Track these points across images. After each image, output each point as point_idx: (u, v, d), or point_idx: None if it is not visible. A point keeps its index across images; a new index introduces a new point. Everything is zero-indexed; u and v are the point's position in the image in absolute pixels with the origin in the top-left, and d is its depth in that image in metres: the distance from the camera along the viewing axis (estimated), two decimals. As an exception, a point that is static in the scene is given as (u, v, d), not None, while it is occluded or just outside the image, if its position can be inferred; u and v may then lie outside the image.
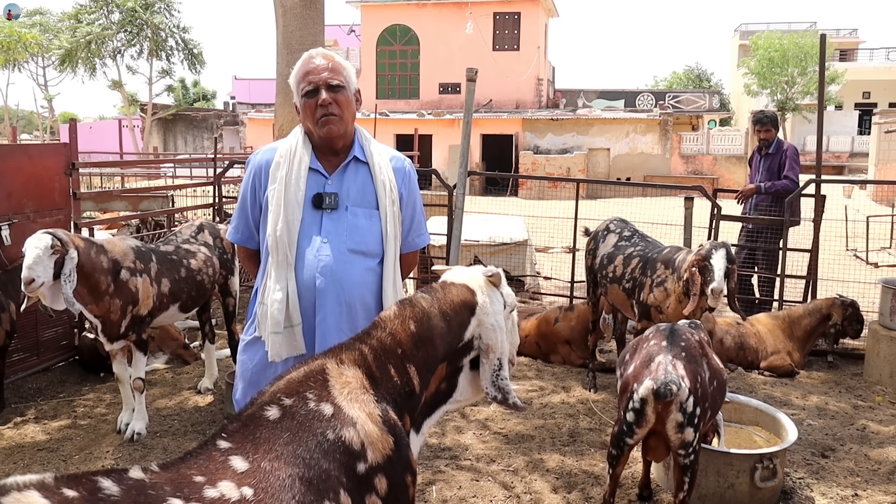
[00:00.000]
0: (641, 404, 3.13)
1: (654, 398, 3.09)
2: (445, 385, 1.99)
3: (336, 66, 2.49)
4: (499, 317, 2.01)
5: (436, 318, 1.93)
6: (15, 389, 5.30)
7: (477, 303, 2.00)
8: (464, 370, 2.01)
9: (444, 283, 2.05)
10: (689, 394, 3.10)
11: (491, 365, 1.97)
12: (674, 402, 3.07)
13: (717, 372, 3.45)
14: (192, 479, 1.38)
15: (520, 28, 31.37)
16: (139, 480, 1.33)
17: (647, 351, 3.38)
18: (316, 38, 6.74)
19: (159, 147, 34.44)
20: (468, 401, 2.09)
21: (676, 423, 3.11)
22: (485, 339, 1.98)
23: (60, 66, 35.62)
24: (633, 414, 3.16)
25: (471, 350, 1.98)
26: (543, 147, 28.90)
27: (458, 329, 1.96)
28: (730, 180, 26.91)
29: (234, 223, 2.65)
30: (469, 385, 2.03)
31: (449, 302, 1.98)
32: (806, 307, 6.30)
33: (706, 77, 54.48)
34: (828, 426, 4.85)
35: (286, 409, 1.58)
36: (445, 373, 1.97)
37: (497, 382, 1.97)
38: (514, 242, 8.52)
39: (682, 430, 3.12)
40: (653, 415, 3.14)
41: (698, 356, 3.35)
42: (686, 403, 3.09)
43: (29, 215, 5.50)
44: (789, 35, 38.59)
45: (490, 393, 1.97)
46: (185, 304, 4.87)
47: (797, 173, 6.79)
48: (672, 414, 3.10)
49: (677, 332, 3.43)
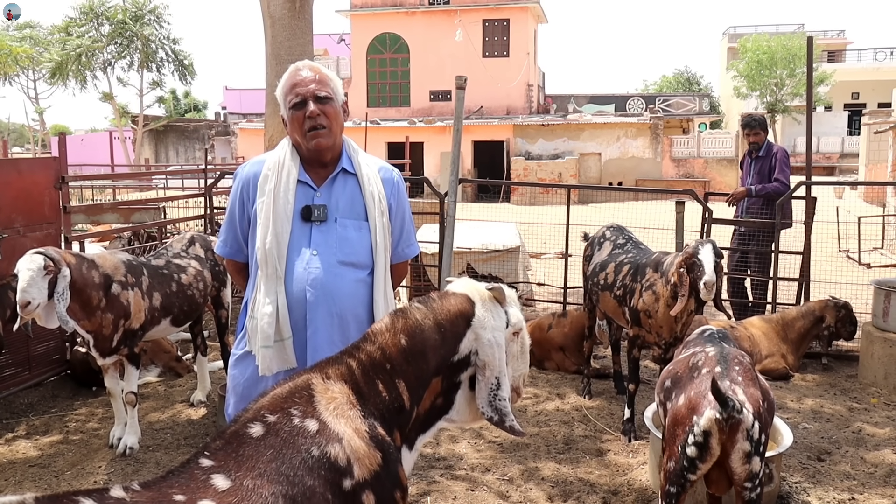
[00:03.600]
0: (705, 437, 2.84)
1: (718, 428, 2.82)
2: (441, 401, 1.94)
3: (323, 77, 2.48)
4: (498, 333, 1.94)
5: (429, 330, 1.89)
6: (6, 405, 5.26)
7: (474, 314, 1.94)
8: (461, 388, 1.95)
9: (444, 293, 2.01)
10: (754, 420, 2.85)
11: (488, 383, 1.91)
12: (740, 430, 2.81)
13: (766, 392, 3.17)
14: (172, 498, 1.36)
15: (509, 35, 31.50)
16: (120, 500, 1.32)
17: (701, 379, 3.09)
18: (305, 49, 6.73)
19: (151, 158, 34.39)
20: (466, 422, 2.02)
21: (743, 453, 2.83)
22: (481, 356, 1.91)
23: (51, 78, 35.58)
24: (695, 448, 2.86)
25: (468, 366, 1.92)
26: (535, 153, 28.96)
27: (452, 341, 1.91)
28: (721, 183, 27.00)
29: (222, 236, 2.64)
30: (467, 405, 1.96)
31: (445, 311, 1.93)
32: (799, 310, 6.31)
33: (696, 80, 54.73)
34: (823, 429, 4.85)
35: (270, 425, 1.56)
36: (441, 388, 1.92)
37: (494, 403, 1.90)
38: (506, 249, 8.51)
39: (749, 461, 2.84)
40: (718, 447, 2.85)
41: (753, 379, 3.10)
42: (752, 431, 2.83)
43: (19, 230, 5.47)
44: (777, 37, 38.82)
45: (486, 413, 1.91)
46: (177, 318, 4.85)
47: (787, 176, 6.81)
48: (738, 444, 2.82)
49: (729, 355, 3.19)
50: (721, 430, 2.82)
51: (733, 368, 3.10)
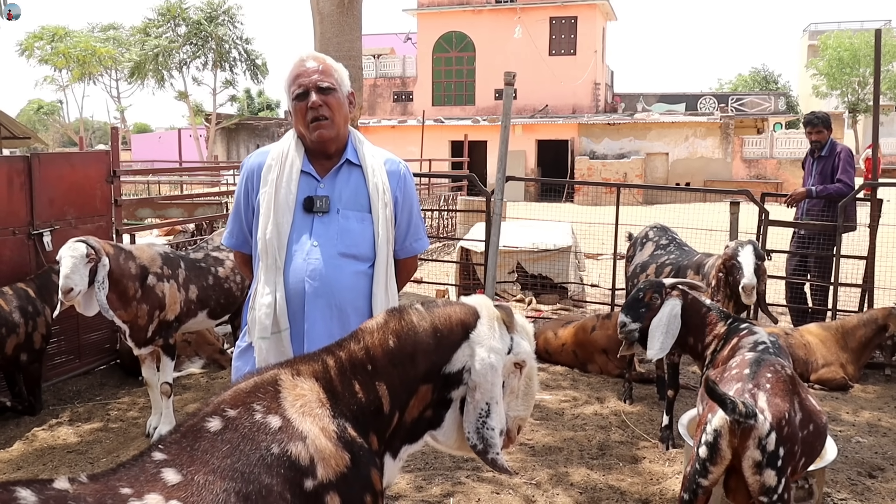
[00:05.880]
0: (715, 437, 2.73)
1: (729, 429, 2.70)
2: (430, 413, 1.83)
3: (327, 68, 2.44)
4: (495, 356, 1.81)
5: (423, 333, 1.80)
6: (55, 392, 5.43)
7: (475, 327, 1.82)
8: (452, 407, 1.83)
9: (451, 300, 1.93)
10: (771, 430, 2.67)
11: (476, 407, 1.78)
12: (752, 436, 2.67)
13: (812, 414, 2.96)
14: (118, 491, 1.33)
15: (576, 32, 31.06)
16: (61, 491, 1.30)
17: (726, 378, 3.01)
18: (353, 45, 6.75)
19: (222, 155, 35.32)
20: (452, 447, 1.89)
21: (754, 461, 2.68)
22: (473, 375, 1.78)
23: (130, 77, 36.97)
24: (706, 449, 2.75)
25: (460, 383, 1.80)
26: (600, 152, 28.50)
27: (447, 349, 1.80)
28: (794, 185, 25.96)
29: (228, 227, 2.63)
30: (455, 429, 1.84)
31: (444, 316, 1.84)
32: (861, 317, 5.99)
33: (773, 79, 53.01)
34: (878, 444, 4.57)
35: (229, 420, 1.52)
36: (430, 398, 1.81)
37: (481, 430, 1.77)
38: (557, 249, 8.36)
39: (761, 472, 2.68)
40: (728, 450, 2.72)
41: (787, 392, 2.88)
42: (766, 440, 2.66)
43: (71, 222, 5.64)
44: (861, 34, 37.20)
45: (471, 439, 1.78)
46: (214, 310, 4.91)
47: (851, 177, 6.47)
48: (749, 450, 2.68)
49: (765, 361, 3.02)
50: (732, 432, 2.69)
51: (763, 375, 2.92)
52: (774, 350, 3.13)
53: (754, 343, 3.19)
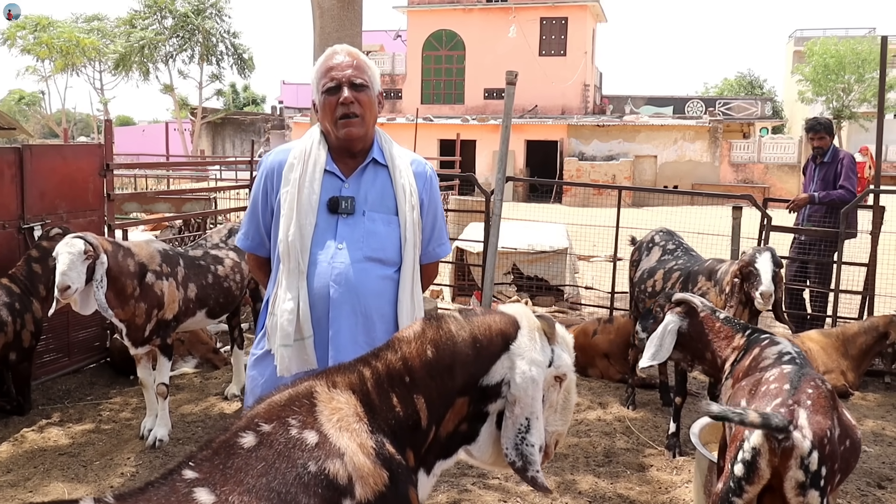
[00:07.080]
0: (753, 455, 2.59)
1: (769, 448, 2.57)
2: (466, 427, 1.74)
3: (361, 64, 2.34)
4: (537, 368, 1.72)
5: (462, 343, 1.71)
6: (44, 391, 5.28)
7: (515, 338, 1.74)
8: (488, 421, 1.75)
9: (490, 309, 1.83)
10: (813, 448, 2.55)
11: (516, 423, 1.70)
12: (793, 456, 2.55)
13: (849, 429, 2.85)
14: None
15: (567, 33, 31.05)
16: None
17: (764, 393, 2.83)
18: (353, 41, 6.62)
19: (207, 150, 35.00)
20: (487, 463, 1.81)
21: (796, 482, 2.55)
22: (513, 389, 1.70)
23: (115, 69, 36.48)
24: (742, 467, 2.61)
25: (498, 396, 1.72)
26: (589, 153, 28.51)
27: (486, 360, 1.71)
28: (782, 189, 26.15)
29: (243, 229, 2.51)
30: (491, 444, 1.76)
31: (484, 326, 1.74)
32: (861, 324, 5.96)
33: (759, 84, 53.31)
34: (885, 454, 4.53)
35: (264, 435, 1.43)
36: (466, 412, 1.73)
37: (520, 447, 1.69)
38: (553, 250, 8.30)
39: (805, 493, 2.55)
40: (767, 468, 2.59)
41: (828, 407, 2.76)
42: (808, 459, 2.54)
43: (62, 216, 5.48)
44: (846, 41, 37.46)
45: (509, 456, 1.70)
46: (213, 310, 4.79)
47: (854, 183, 6.45)
48: (791, 470, 2.55)
49: (805, 376, 2.88)
50: (772, 451, 2.56)
51: (804, 391, 2.78)
52: (801, 360, 3.05)
53: (779, 353, 3.10)
